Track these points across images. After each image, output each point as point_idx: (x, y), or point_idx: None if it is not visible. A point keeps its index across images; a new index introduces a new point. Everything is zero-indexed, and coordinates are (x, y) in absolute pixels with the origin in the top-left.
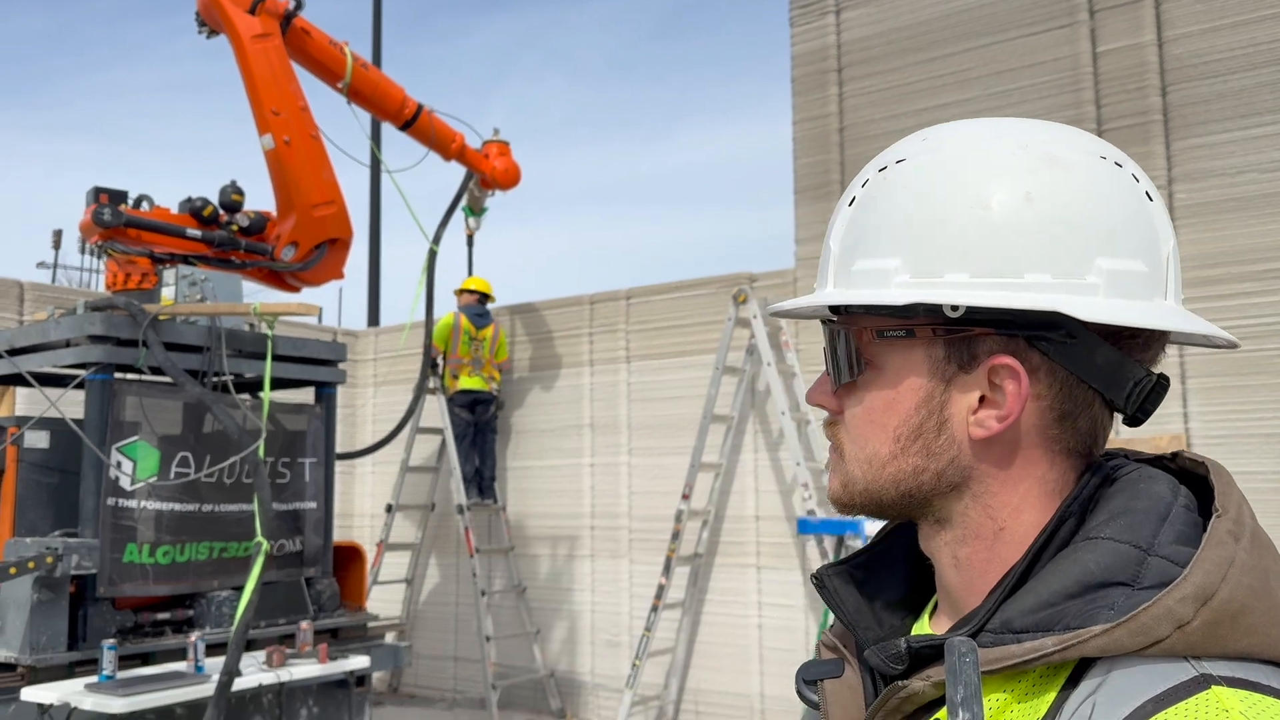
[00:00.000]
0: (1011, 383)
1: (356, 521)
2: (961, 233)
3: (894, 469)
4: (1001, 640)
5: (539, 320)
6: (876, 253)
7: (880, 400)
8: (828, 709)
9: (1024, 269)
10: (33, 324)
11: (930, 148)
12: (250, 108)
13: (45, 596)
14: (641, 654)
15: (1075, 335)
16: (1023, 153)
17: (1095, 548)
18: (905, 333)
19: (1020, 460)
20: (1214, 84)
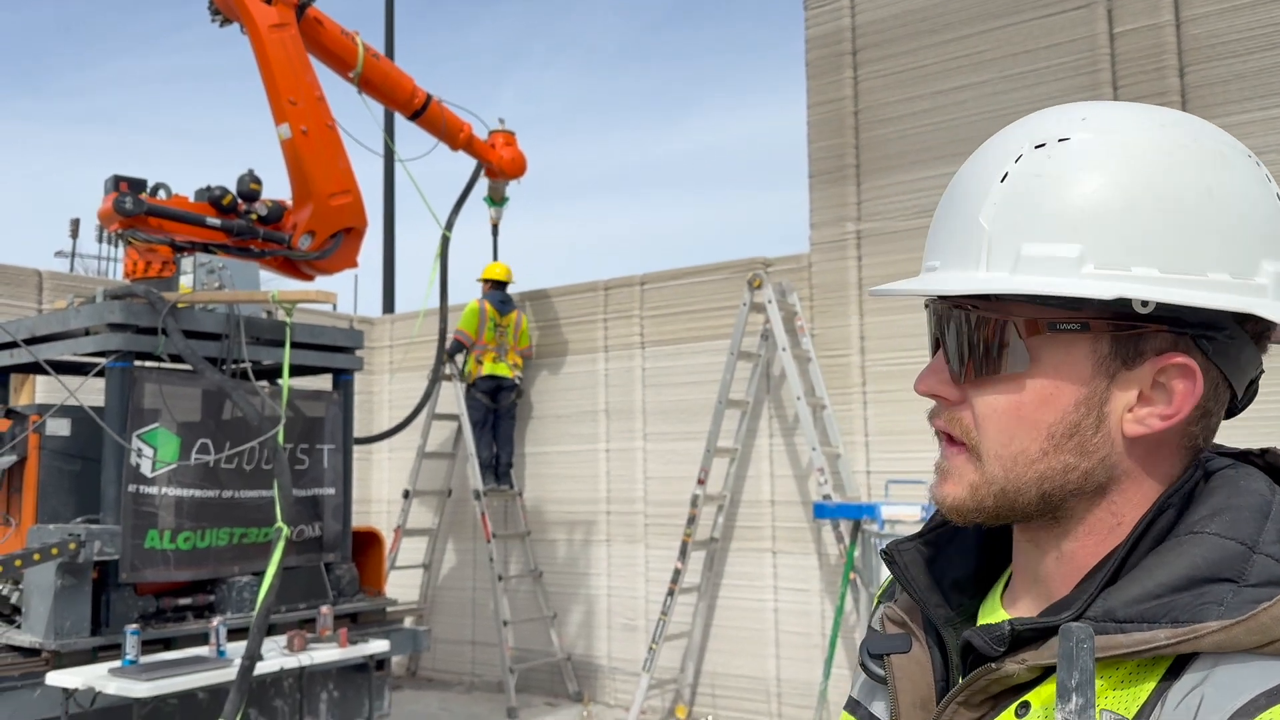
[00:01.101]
0: (1183, 381)
1: (374, 507)
2: (1149, 224)
3: (1043, 467)
4: (1104, 629)
5: (554, 306)
6: (1051, 236)
7: (1035, 395)
8: (896, 684)
9: (1206, 267)
10: (53, 312)
11: (1099, 128)
12: (267, 97)
13: (68, 582)
14: (658, 638)
15: (1235, 336)
16: (1196, 145)
17: (1201, 542)
18: (1079, 326)
19: (1159, 458)
20: (1233, 64)
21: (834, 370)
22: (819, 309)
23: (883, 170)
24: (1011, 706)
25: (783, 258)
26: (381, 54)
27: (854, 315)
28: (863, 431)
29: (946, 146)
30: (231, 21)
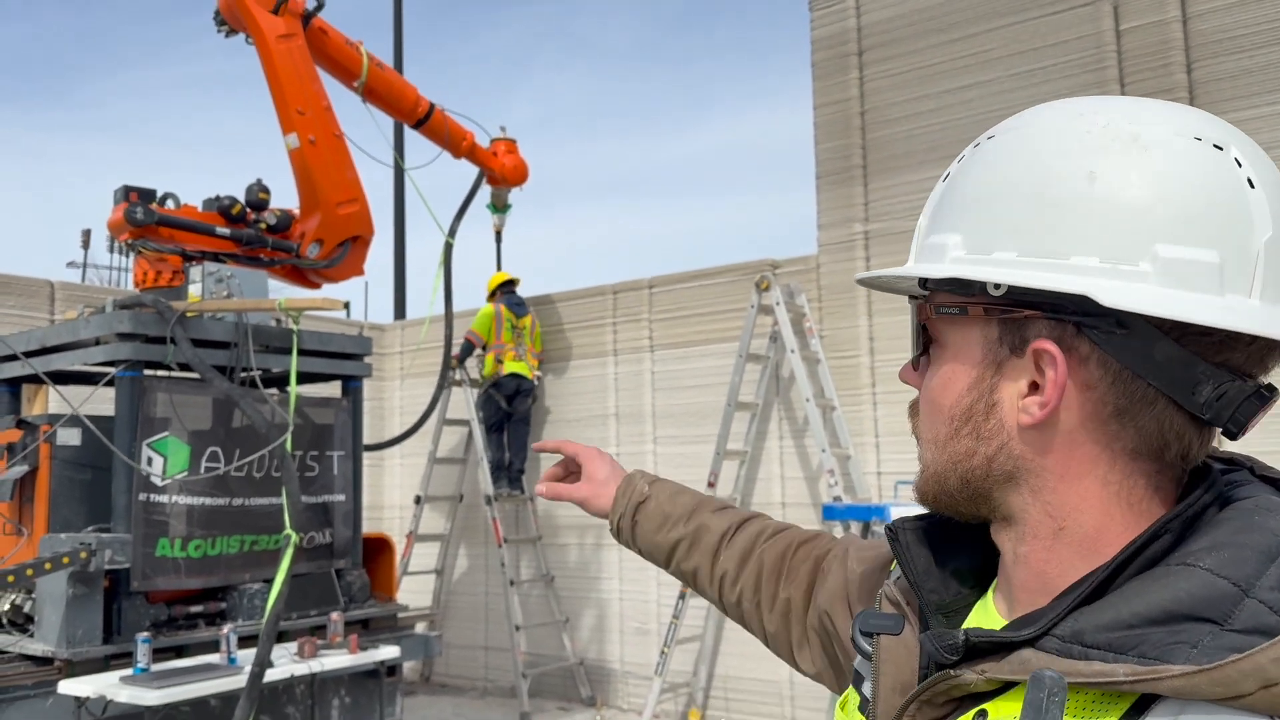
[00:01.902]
0: (1051, 369)
1: (386, 513)
2: (1015, 210)
3: (951, 450)
4: (1068, 651)
5: (563, 311)
6: (945, 227)
7: (939, 379)
8: (880, 665)
9: (1071, 250)
10: (63, 323)
11: (1018, 124)
12: (275, 107)
13: (80, 591)
14: (670, 641)
15: (1127, 325)
16: (1101, 131)
17: (1190, 576)
18: (959, 310)
19: (1078, 456)
20: (1240, 60)
21: (843, 371)
22: (828, 310)
23: (890, 170)
24: (970, 713)
25: (791, 259)
26: (386, 64)
27: (863, 316)
28: (873, 433)
29: (953, 146)
30: (237, 32)
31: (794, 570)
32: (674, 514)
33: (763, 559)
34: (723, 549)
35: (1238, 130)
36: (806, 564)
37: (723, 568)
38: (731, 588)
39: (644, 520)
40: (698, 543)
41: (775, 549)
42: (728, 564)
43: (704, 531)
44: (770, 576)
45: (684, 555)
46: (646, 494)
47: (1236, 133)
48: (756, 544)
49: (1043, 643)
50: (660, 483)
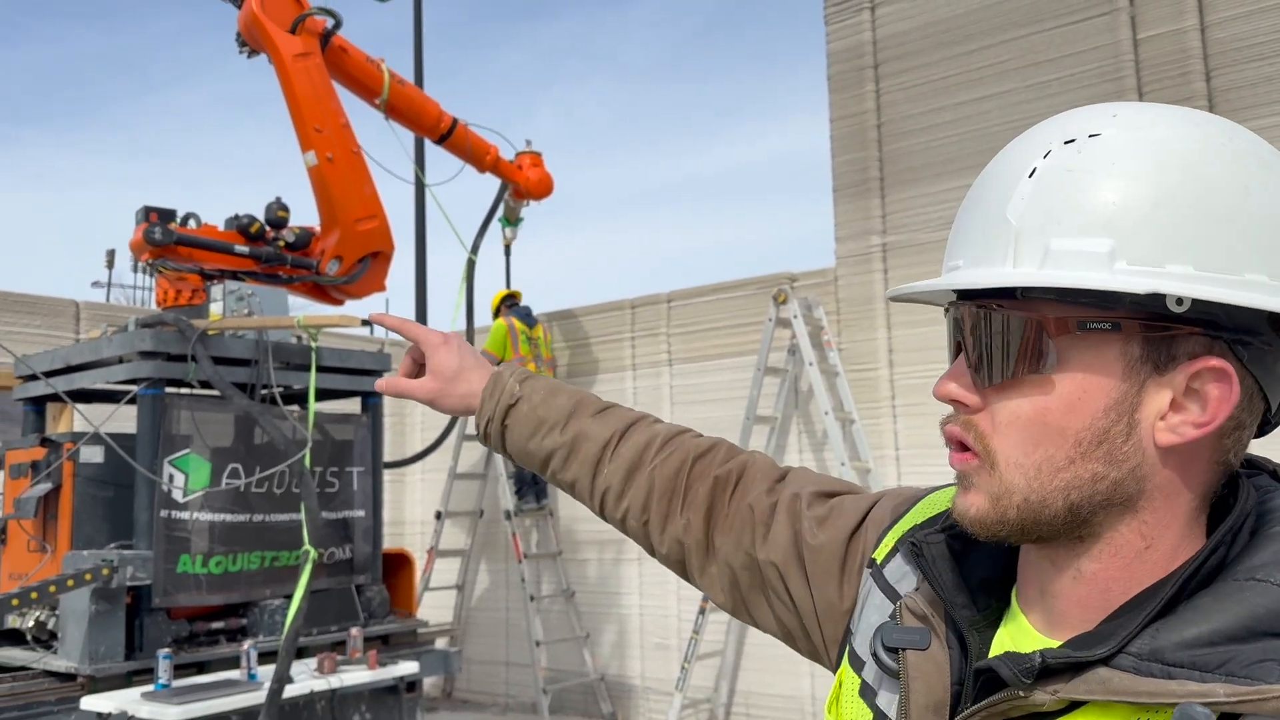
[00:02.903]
0: (1218, 387)
1: (408, 529)
2: (1184, 220)
3: (1069, 475)
4: (1146, 669)
5: (581, 326)
6: (1083, 232)
7: (1062, 399)
8: (909, 681)
9: (1243, 267)
10: (86, 342)
11: (1130, 124)
12: (293, 125)
13: (103, 608)
14: (690, 657)
15: (1271, 343)
16: (1230, 144)
17: (1265, 592)
18: (1110, 325)
19: (1189, 473)
20: (1260, 67)
21: (862, 384)
22: (846, 323)
23: (907, 182)
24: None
25: (808, 272)
26: (407, 80)
27: (881, 328)
28: (893, 445)
29: (970, 157)
30: (259, 53)
31: (691, 490)
32: (549, 418)
33: (654, 476)
34: (605, 461)
35: None
36: (704, 483)
37: (606, 482)
38: (616, 504)
39: (515, 425)
40: (576, 452)
41: (669, 465)
42: (612, 478)
43: (583, 440)
44: (663, 496)
45: (560, 466)
46: (517, 395)
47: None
48: (645, 457)
49: (1118, 660)
50: (533, 380)
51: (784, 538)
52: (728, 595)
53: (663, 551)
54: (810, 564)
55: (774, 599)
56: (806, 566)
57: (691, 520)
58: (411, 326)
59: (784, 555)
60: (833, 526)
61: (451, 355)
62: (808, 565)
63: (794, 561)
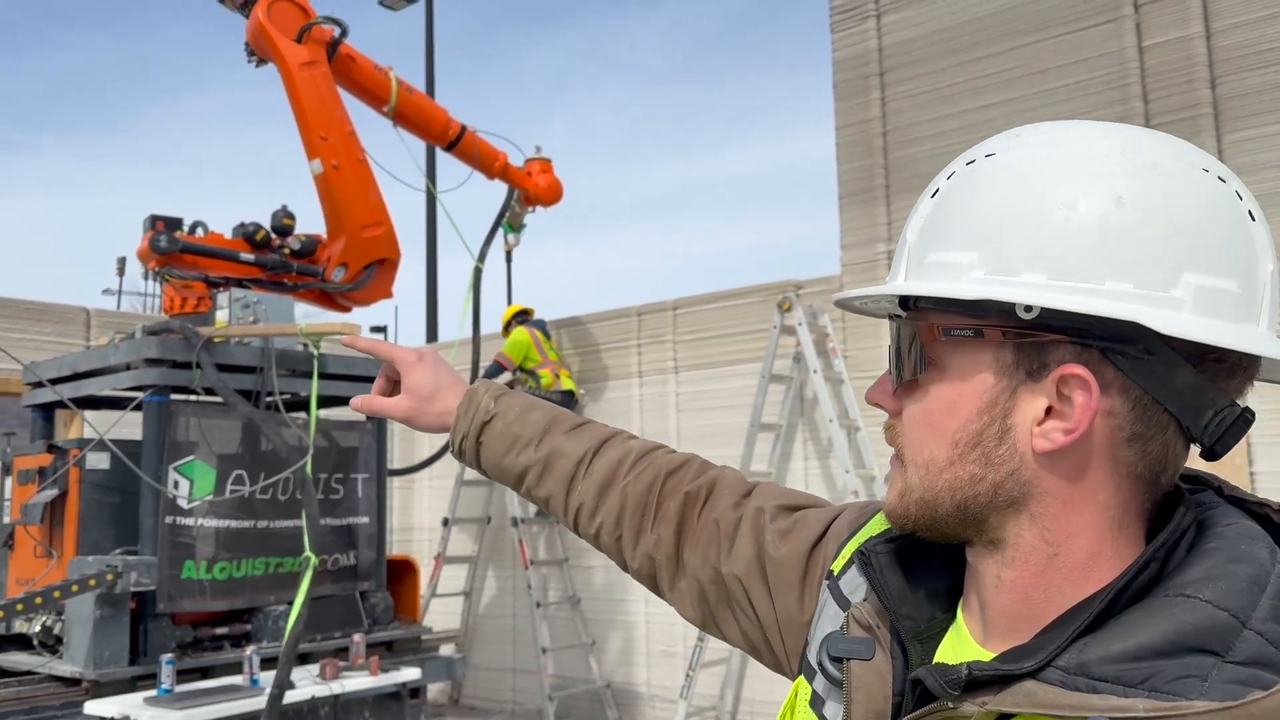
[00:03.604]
0: (1081, 394)
1: (416, 535)
2: (1042, 231)
3: (950, 476)
4: (1072, 683)
5: (588, 333)
6: (953, 246)
7: (941, 402)
8: (851, 692)
9: (1106, 276)
10: (94, 349)
11: (1021, 143)
12: (299, 133)
13: (107, 613)
14: (695, 665)
15: (1154, 352)
16: (1120, 156)
17: (1193, 608)
18: (974, 332)
19: (1086, 482)
20: (1265, 74)
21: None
22: (851, 330)
23: (912, 190)
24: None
25: (814, 280)
26: (415, 88)
27: (886, 336)
28: None
29: None
30: (266, 62)
31: (663, 506)
32: (523, 435)
33: (626, 492)
34: (579, 478)
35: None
36: (675, 499)
37: (579, 499)
38: (590, 520)
39: (490, 442)
40: (550, 469)
41: (641, 481)
42: (585, 495)
43: (557, 457)
44: (635, 512)
45: (535, 482)
46: (493, 411)
47: (1226, 167)
48: (618, 474)
49: (1045, 674)
50: (508, 397)
51: (747, 551)
52: (696, 609)
53: (634, 566)
54: (772, 576)
55: (739, 612)
56: (769, 579)
57: (662, 536)
58: (384, 347)
59: (747, 568)
60: (795, 539)
61: (427, 374)
62: (770, 578)
63: (757, 574)
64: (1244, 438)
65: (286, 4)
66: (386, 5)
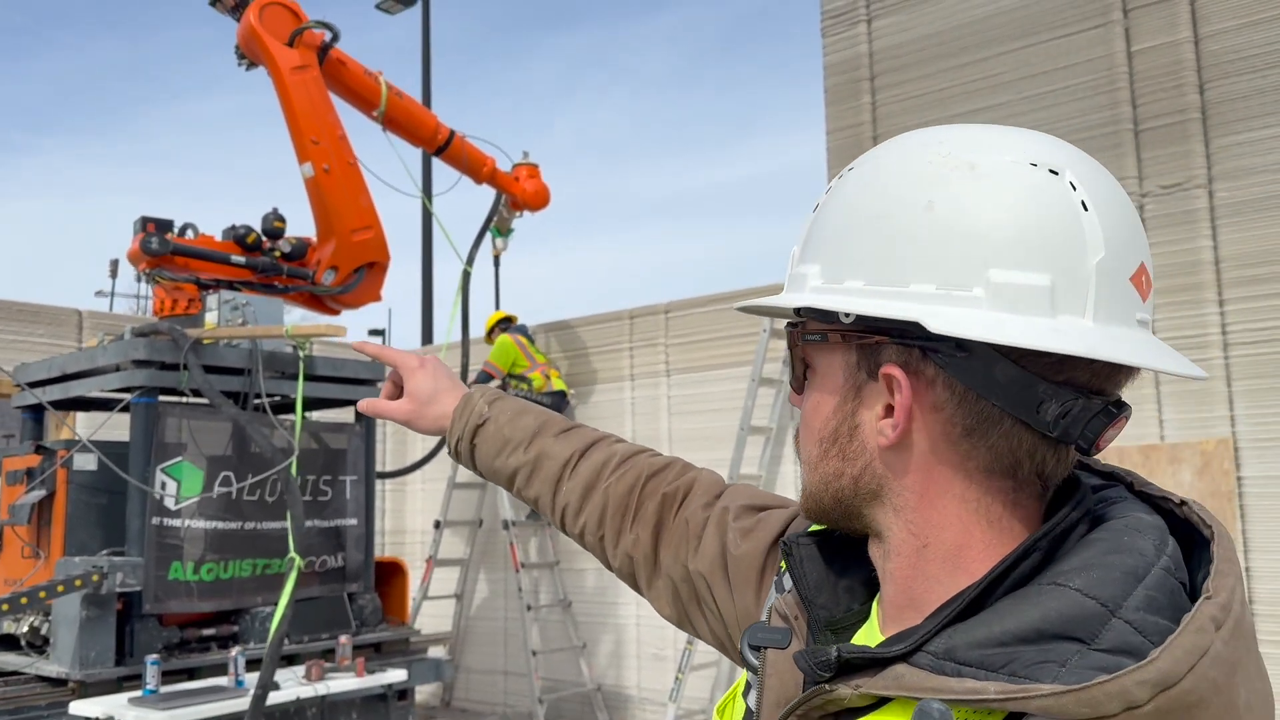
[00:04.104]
0: (897, 392)
1: (408, 538)
2: (863, 239)
3: (822, 471)
4: (940, 668)
5: (581, 336)
6: (808, 258)
7: (810, 403)
8: (765, 679)
9: (911, 278)
10: (83, 350)
11: (874, 155)
12: (290, 137)
13: (93, 613)
14: (684, 667)
15: (967, 349)
16: (940, 160)
17: (1060, 595)
18: (820, 337)
19: (935, 476)
20: (1253, 79)
21: None
22: None
23: None
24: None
25: None
26: (405, 93)
27: None
28: None
29: None
30: (257, 65)
31: (642, 507)
32: (514, 438)
33: (608, 493)
34: (565, 479)
35: (1080, 153)
36: (654, 500)
37: (565, 499)
38: (574, 520)
39: (482, 444)
40: (538, 470)
41: (623, 483)
42: (570, 495)
43: (545, 459)
44: (616, 512)
45: (524, 482)
46: (486, 415)
47: (1078, 155)
48: (602, 475)
49: (916, 658)
50: (501, 401)
51: (712, 549)
52: (671, 607)
53: (615, 565)
54: (734, 573)
55: (706, 610)
56: (730, 576)
57: (640, 535)
58: (389, 353)
59: (710, 566)
60: (755, 537)
61: (427, 379)
62: (731, 575)
63: (720, 572)
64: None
65: (278, 8)
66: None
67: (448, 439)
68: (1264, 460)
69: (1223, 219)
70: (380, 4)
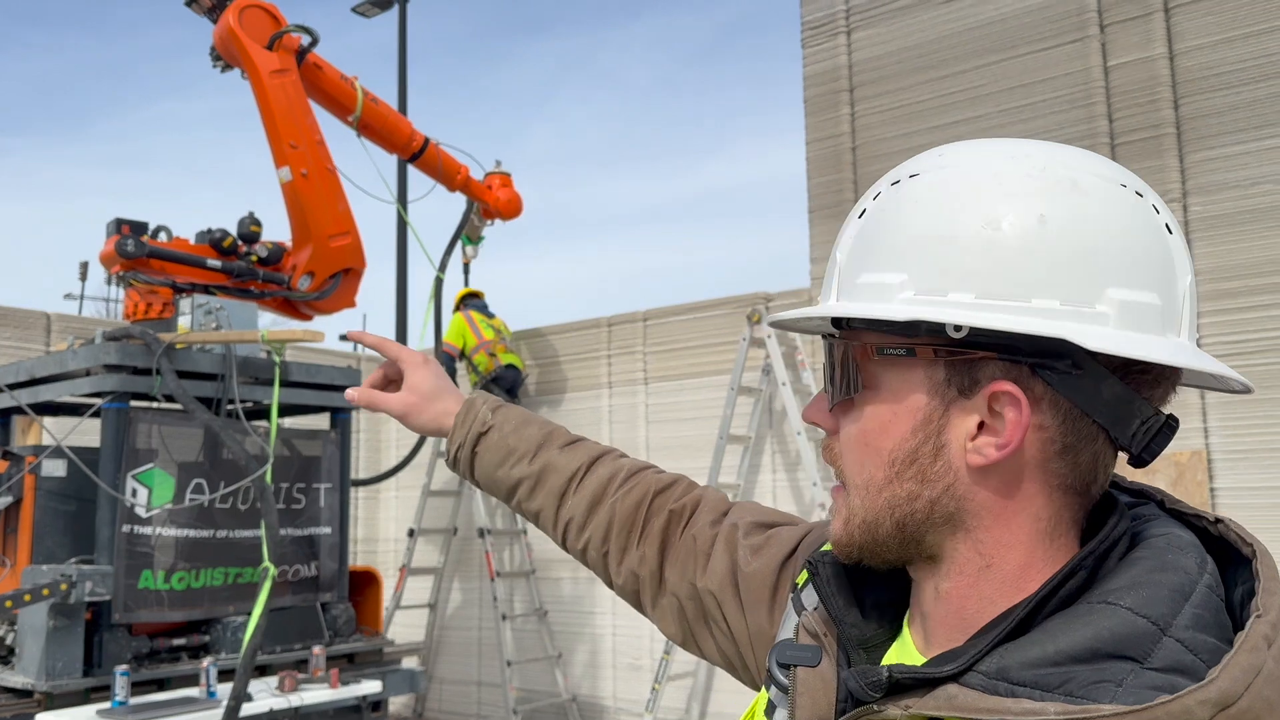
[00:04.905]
0: (1012, 410)
1: (381, 546)
2: (969, 252)
3: (889, 494)
4: (993, 688)
5: (558, 344)
6: (882, 266)
7: (876, 421)
8: (796, 698)
9: (1032, 293)
10: (52, 354)
11: (944, 163)
12: (268, 141)
13: (61, 623)
14: (661, 677)
15: (1081, 366)
16: (1040, 175)
17: (1113, 614)
18: (906, 351)
19: (1018, 494)
20: (1227, 96)
21: None
22: (819, 344)
23: None
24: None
25: (784, 292)
26: (380, 99)
27: None
28: None
29: None
30: (232, 67)
31: (648, 524)
32: (519, 449)
33: (614, 509)
34: (570, 493)
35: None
36: (660, 517)
37: (569, 513)
38: (578, 535)
39: (485, 453)
40: (542, 483)
41: (629, 499)
42: (575, 510)
43: (550, 471)
44: (622, 529)
45: (526, 495)
46: (489, 423)
47: (1143, 181)
48: (608, 491)
49: (966, 678)
50: (505, 409)
51: (721, 567)
52: (677, 626)
53: (619, 583)
54: (744, 591)
55: (714, 628)
56: (741, 594)
57: (646, 553)
58: (392, 345)
59: (720, 584)
60: (766, 555)
61: (430, 376)
62: (742, 593)
63: (730, 590)
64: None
65: (258, 10)
66: (360, 12)
67: (448, 445)
68: (1236, 472)
69: (1196, 233)
70: (356, 7)
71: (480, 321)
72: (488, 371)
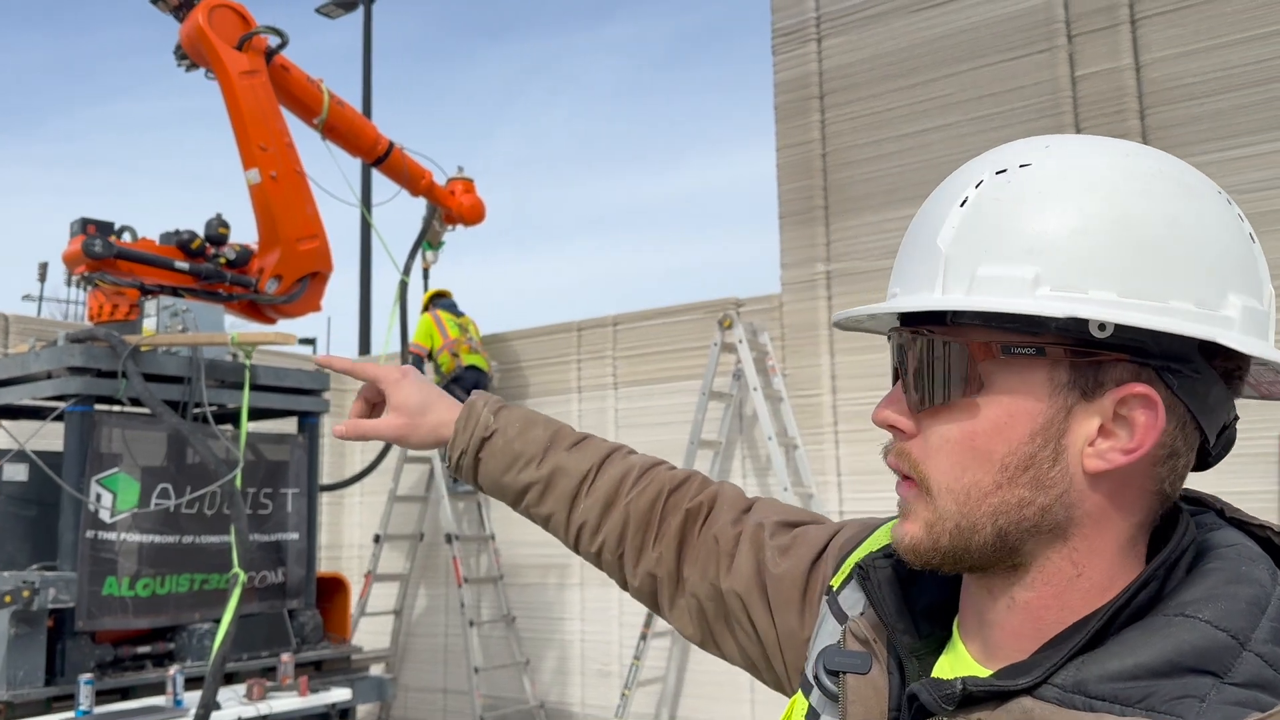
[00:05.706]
0: (1145, 414)
1: (345, 552)
2: (1107, 248)
3: (996, 500)
4: (1069, 701)
5: (527, 348)
6: (1008, 258)
7: (988, 424)
8: (847, 705)
9: (1169, 294)
10: (13, 356)
11: (1061, 155)
12: (236, 143)
13: (22, 631)
14: (630, 684)
15: (1200, 371)
16: (1160, 174)
17: (1193, 628)
18: (1035, 350)
19: (1120, 502)
20: (1191, 106)
21: (806, 410)
22: (790, 348)
23: (851, 211)
24: None
25: (754, 298)
26: (347, 101)
27: (825, 355)
28: (835, 471)
29: (913, 188)
30: (198, 66)
31: (664, 523)
32: (525, 452)
33: (629, 510)
34: (582, 495)
35: None
36: (676, 516)
37: (583, 516)
38: (592, 538)
39: (489, 458)
40: (553, 487)
41: (643, 498)
42: (589, 513)
43: (560, 474)
44: (638, 530)
45: (536, 500)
46: (493, 427)
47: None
48: (621, 491)
49: (1041, 691)
50: (507, 411)
51: (747, 567)
52: (696, 627)
53: (635, 584)
54: (773, 593)
55: (738, 629)
56: (769, 595)
57: (663, 553)
58: (364, 367)
59: (747, 584)
60: (795, 555)
61: (414, 389)
62: (770, 594)
63: (757, 590)
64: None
65: (227, 10)
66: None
67: (449, 452)
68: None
69: None
70: (321, 8)
71: (448, 320)
72: (449, 371)
